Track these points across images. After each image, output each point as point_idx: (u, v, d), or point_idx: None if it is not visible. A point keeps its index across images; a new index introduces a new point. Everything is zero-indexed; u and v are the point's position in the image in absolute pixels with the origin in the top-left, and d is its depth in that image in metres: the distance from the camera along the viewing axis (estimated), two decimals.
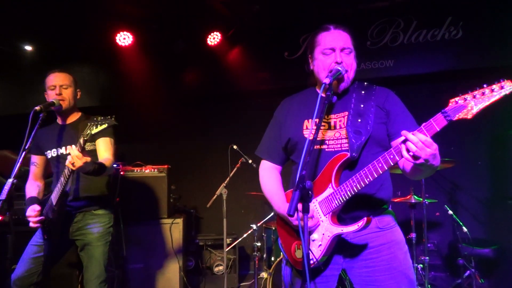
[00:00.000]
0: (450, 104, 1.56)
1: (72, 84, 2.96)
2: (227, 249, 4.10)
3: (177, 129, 5.59)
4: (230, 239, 4.54)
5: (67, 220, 2.81)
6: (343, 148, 1.86)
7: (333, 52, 1.93)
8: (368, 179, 1.71)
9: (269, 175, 2.12)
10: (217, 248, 4.63)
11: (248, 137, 5.58)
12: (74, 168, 2.40)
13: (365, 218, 1.73)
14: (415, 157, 1.55)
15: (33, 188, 2.95)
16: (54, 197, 2.72)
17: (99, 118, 2.49)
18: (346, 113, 1.92)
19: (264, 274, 4.23)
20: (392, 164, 1.66)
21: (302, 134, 1.95)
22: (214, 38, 5.39)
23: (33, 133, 2.47)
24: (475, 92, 1.55)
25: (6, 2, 4.42)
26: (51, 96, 2.87)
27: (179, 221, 4.31)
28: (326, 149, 1.89)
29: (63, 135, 2.93)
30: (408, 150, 1.56)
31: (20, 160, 2.37)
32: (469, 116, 1.53)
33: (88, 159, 2.45)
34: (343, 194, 1.77)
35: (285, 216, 1.91)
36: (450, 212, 3.96)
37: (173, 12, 4.93)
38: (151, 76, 5.58)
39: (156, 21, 5.15)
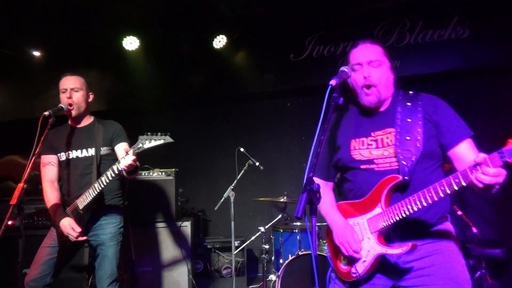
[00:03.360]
0: (508, 144, 1.47)
1: (84, 87, 2.96)
2: (235, 252, 4.10)
3: (184, 132, 5.62)
4: (238, 242, 4.53)
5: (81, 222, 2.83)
6: (392, 168, 1.84)
7: (361, 67, 1.94)
8: (426, 202, 1.65)
9: (323, 191, 2.05)
10: (225, 251, 4.63)
11: (255, 139, 5.65)
12: (127, 170, 2.54)
13: (410, 244, 1.72)
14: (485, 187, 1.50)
15: (53, 193, 2.89)
16: (80, 201, 2.74)
17: (155, 133, 2.60)
18: (393, 129, 1.88)
19: (272, 277, 4.22)
20: (456, 189, 1.57)
21: (351, 155, 1.95)
22: (219, 41, 5.42)
23: (42, 138, 2.49)
24: None
25: (14, 8, 4.47)
26: (62, 99, 2.90)
27: (187, 224, 4.32)
28: (376, 169, 1.89)
29: (75, 138, 2.94)
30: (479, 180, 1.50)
31: (30, 164, 2.39)
32: None
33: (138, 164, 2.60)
34: (392, 217, 1.77)
35: (332, 228, 1.96)
36: (460, 212, 3.93)
37: (178, 16, 4.95)
38: (157, 79, 5.62)
39: (162, 25, 5.18)
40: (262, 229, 4.11)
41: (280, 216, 4.40)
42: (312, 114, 1.83)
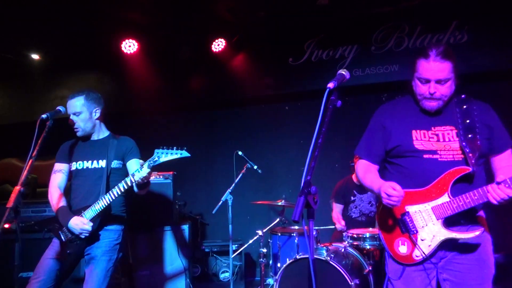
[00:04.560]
0: None
1: (84, 108, 2.91)
2: (233, 256, 4.08)
3: (182, 135, 5.62)
4: (236, 246, 4.52)
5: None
6: (455, 159, 1.98)
7: (427, 83, 2.01)
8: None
9: (369, 169, 2.24)
10: (223, 255, 4.62)
11: (253, 142, 5.66)
12: (141, 182, 2.60)
13: (481, 229, 1.94)
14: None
15: (59, 198, 2.86)
16: (88, 212, 2.73)
17: (171, 147, 2.61)
18: (453, 127, 2.04)
19: (270, 281, 4.20)
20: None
21: (413, 144, 2.06)
22: (218, 45, 5.43)
23: (39, 141, 2.48)
24: None
25: (13, 11, 4.48)
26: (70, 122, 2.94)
27: (185, 227, 4.31)
28: (439, 159, 2.01)
29: (89, 149, 2.95)
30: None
31: (27, 167, 2.38)
32: None
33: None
34: (462, 205, 1.91)
35: (382, 191, 2.01)
36: None
37: (177, 19, 4.97)
38: (156, 82, 5.63)
39: (161, 28, 5.19)
40: (260, 232, 4.09)
41: (278, 219, 4.39)
42: (310, 118, 1.83)
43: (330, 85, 1.88)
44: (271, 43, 5.46)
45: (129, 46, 5.41)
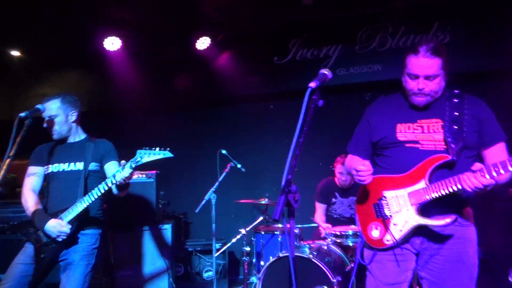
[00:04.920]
0: None
1: (60, 111, 2.85)
2: (216, 255, 4.07)
3: (166, 134, 5.58)
4: (220, 244, 4.51)
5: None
6: (437, 149, 2.03)
7: (417, 79, 2.04)
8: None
9: (354, 159, 2.31)
10: (207, 254, 4.61)
11: (237, 141, 5.64)
12: (122, 183, 2.56)
13: (454, 217, 1.91)
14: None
15: (34, 201, 2.79)
16: (66, 214, 2.65)
17: (154, 148, 2.58)
18: (439, 120, 2.07)
19: (254, 279, 4.21)
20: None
21: (396, 137, 2.12)
22: (203, 43, 5.40)
23: (17, 140, 2.43)
24: None
25: None
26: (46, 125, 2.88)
27: (168, 226, 4.28)
28: (420, 148, 2.06)
29: (65, 152, 2.88)
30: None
31: (4, 167, 2.33)
32: None
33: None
34: (437, 191, 1.93)
35: (352, 167, 2.10)
36: None
37: (162, 17, 4.92)
38: (139, 80, 5.56)
39: (145, 26, 5.14)
40: (243, 231, 4.10)
41: (261, 218, 4.40)
42: (295, 117, 1.85)
43: (312, 84, 1.90)
44: (256, 42, 5.45)
45: (112, 43, 5.33)
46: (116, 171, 2.56)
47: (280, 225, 4.12)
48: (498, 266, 4.03)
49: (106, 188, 2.59)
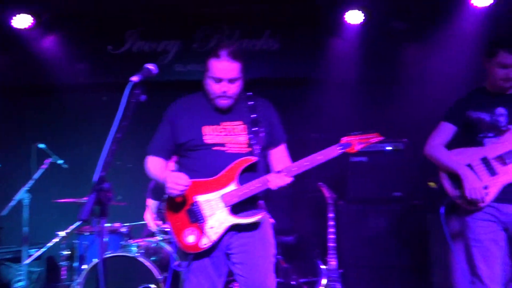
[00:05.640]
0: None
1: None
2: (28, 261, 3.62)
3: None
4: (35, 250, 4.02)
5: None
6: (241, 151, 2.15)
7: (220, 82, 2.12)
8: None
9: (157, 163, 2.29)
10: (19, 262, 4.04)
11: (62, 135, 5.12)
12: None
13: (263, 212, 2.16)
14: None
15: None
16: None
17: None
18: (241, 122, 2.21)
19: (74, 284, 3.89)
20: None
21: (203, 139, 2.17)
22: (23, 20, 4.69)
23: None
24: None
25: None
26: None
27: None
28: (227, 151, 2.15)
29: None
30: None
31: None
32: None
33: None
34: (248, 192, 2.08)
35: (167, 181, 2.06)
36: None
37: None
38: None
39: None
40: (62, 233, 3.75)
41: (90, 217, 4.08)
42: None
43: (134, 78, 1.91)
44: (89, 27, 5.00)
45: None
46: None
47: (108, 224, 3.90)
48: (308, 252, 4.61)
49: None
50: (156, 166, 2.27)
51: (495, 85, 2.53)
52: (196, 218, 2.13)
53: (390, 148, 4.11)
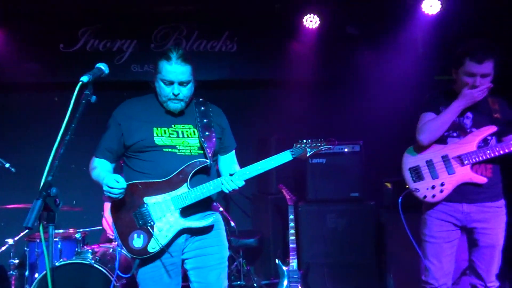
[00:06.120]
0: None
1: None
2: None
3: None
4: None
5: None
6: (192, 154, 2.16)
7: (171, 85, 2.12)
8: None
9: (100, 164, 2.26)
10: None
11: (8, 136, 4.85)
12: None
13: (215, 216, 2.19)
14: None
15: None
16: None
17: None
18: (192, 126, 2.22)
19: None
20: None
21: (153, 141, 2.15)
22: None
23: None
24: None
25: None
26: None
27: None
28: (178, 153, 2.15)
29: None
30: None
31: None
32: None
33: None
34: (199, 195, 2.09)
35: (104, 183, 2.04)
36: (221, 208, 4.31)
37: None
38: None
39: None
40: (10, 241, 3.55)
41: (36, 224, 3.88)
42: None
43: (84, 78, 1.85)
44: (40, 24, 4.78)
45: None
46: None
47: (61, 230, 3.76)
48: (268, 251, 4.63)
49: None
50: (99, 168, 2.22)
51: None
52: (144, 220, 2.09)
53: (347, 150, 4.22)
